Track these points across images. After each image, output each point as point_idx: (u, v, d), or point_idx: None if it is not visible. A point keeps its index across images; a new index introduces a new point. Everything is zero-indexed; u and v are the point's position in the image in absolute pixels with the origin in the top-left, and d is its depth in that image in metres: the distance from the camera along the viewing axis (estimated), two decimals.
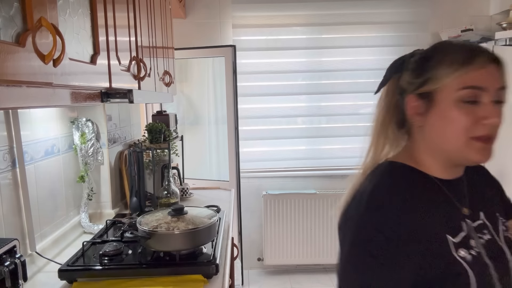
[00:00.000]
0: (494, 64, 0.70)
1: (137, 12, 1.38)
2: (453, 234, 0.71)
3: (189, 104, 3.00)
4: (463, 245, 0.70)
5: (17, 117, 1.28)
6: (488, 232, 0.75)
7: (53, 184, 1.53)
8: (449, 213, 0.74)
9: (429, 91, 0.72)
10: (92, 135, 1.72)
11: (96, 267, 1.26)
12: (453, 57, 0.70)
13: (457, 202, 0.76)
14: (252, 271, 3.21)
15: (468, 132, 0.70)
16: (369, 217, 0.71)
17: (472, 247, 0.71)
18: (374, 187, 0.74)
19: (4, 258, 0.94)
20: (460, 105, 0.69)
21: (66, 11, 0.82)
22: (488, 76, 0.69)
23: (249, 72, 3.05)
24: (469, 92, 0.69)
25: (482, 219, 0.76)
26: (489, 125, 0.69)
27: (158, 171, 2.24)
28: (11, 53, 0.60)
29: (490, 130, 0.70)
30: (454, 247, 0.70)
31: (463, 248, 0.70)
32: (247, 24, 3.05)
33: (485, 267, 0.70)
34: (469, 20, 3.06)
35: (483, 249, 0.72)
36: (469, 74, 0.68)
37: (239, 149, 2.76)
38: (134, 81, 1.30)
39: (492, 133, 0.71)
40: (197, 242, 1.32)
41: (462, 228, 0.73)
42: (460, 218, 0.74)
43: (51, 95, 0.79)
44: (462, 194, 0.77)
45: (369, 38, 3.12)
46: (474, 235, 0.72)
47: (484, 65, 0.69)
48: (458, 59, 0.70)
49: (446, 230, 0.71)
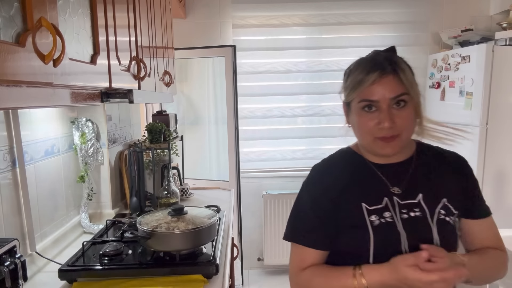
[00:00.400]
0: (391, 76, 0.86)
1: (137, 12, 1.38)
2: (370, 204, 0.91)
3: (189, 104, 3.00)
4: (376, 213, 0.90)
5: (17, 117, 1.28)
6: (419, 211, 0.90)
7: (53, 184, 1.53)
8: (375, 188, 0.93)
9: (347, 101, 0.95)
10: (92, 135, 1.72)
11: (96, 267, 1.26)
12: (354, 78, 0.90)
13: (388, 182, 0.94)
14: (252, 271, 3.21)
15: (372, 133, 0.89)
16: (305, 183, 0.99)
17: (384, 217, 0.90)
18: (321, 161, 1.02)
19: (4, 258, 0.94)
20: (362, 113, 0.90)
21: (66, 11, 0.82)
22: (380, 89, 0.86)
23: (249, 72, 3.05)
24: (364, 104, 0.89)
25: (419, 199, 0.92)
26: (385, 128, 0.86)
27: (158, 171, 2.24)
28: (11, 53, 0.60)
29: (388, 131, 0.86)
30: (367, 213, 0.90)
31: (375, 215, 0.90)
32: (247, 24, 3.05)
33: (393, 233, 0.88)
34: (469, 20, 3.06)
35: (400, 220, 0.90)
36: (363, 91, 0.87)
37: (239, 149, 2.76)
38: (134, 81, 1.30)
39: (391, 133, 0.87)
40: (197, 242, 1.32)
41: (382, 201, 0.91)
42: (385, 194, 0.92)
43: (51, 95, 0.79)
44: (396, 176, 0.94)
45: (369, 38, 3.12)
46: (393, 209, 0.91)
47: (376, 81, 0.86)
48: (356, 79, 0.89)
49: (364, 200, 0.91)
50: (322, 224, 0.93)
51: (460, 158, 1.01)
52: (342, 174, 0.96)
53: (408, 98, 0.87)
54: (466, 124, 2.67)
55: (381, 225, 0.89)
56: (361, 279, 0.85)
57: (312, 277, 0.93)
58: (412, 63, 0.95)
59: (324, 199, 0.94)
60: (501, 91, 2.54)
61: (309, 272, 0.93)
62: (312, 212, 0.95)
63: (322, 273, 0.92)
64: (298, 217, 0.97)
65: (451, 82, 2.82)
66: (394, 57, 0.91)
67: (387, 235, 0.89)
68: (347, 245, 0.92)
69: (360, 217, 0.90)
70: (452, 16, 3.10)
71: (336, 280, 0.89)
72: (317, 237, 0.94)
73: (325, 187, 0.95)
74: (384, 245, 0.88)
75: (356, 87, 0.89)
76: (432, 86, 3.04)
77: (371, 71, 0.86)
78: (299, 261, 0.96)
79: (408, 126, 0.89)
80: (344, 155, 1.02)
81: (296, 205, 0.99)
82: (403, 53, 0.89)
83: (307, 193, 0.98)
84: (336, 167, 0.99)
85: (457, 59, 2.75)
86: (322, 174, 0.99)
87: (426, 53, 3.12)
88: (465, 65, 2.67)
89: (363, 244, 0.89)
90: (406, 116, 0.87)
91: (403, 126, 0.87)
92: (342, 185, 0.94)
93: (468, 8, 3.11)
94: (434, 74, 3.01)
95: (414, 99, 0.89)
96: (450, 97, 2.84)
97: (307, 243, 0.94)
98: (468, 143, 2.65)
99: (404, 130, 0.88)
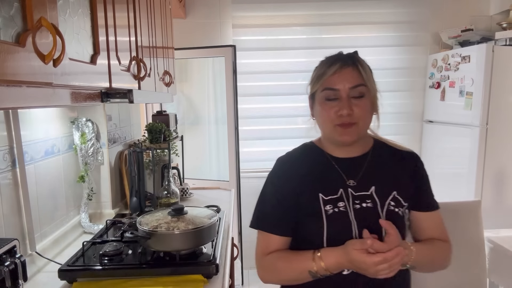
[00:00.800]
0: (350, 67, 0.97)
1: (137, 12, 1.38)
2: (326, 194, 0.99)
3: (189, 104, 3.00)
4: (331, 203, 0.98)
5: (17, 117, 1.28)
6: (371, 202, 0.98)
7: (53, 184, 1.53)
8: (332, 180, 1.01)
9: (312, 92, 1.04)
10: (92, 135, 1.72)
11: (96, 267, 1.26)
12: (319, 70, 1.01)
13: (344, 175, 1.01)
14: (252, 271, 3.21)
15: (332, 121, 0.98)
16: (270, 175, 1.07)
17: (338, 206, 0.98)
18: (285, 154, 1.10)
19: (4, 258, 0.94)
20: (325, 103, 0.99)
21: (66, 11, 0.82)
22: (340, 79, 0.96)
23: (249, 72, 3.05)
24: (327, 92, 0.98)
25: (371, 191, 0.99)
26: (344, 115, 0.95)
27: (158, 171, 2.24)
28: (11, 53, 0.60)
29: (346, 119, 0.95)
30: (323, 202, 0.98)
31: (330, 204, 0.98)
32: (247, 24, 3.05)
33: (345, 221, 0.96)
34: (469, 20, 3.06)
35: (352, 210, 0.97)
36: (327, 79, 0.97)
37: (239, 149, 2.76)
38: (134, 81, 1.30)
39: (348, 120, 0.95)
40: (197, 242, 1.32)
41: (338, 192, 0.99)
42: (341, 186, 1.00)
43: (51, 95, 0.79)
44: (352, 169, 1.02)
45: (369, 38, 3.12)
46: (347, 200, 0.98)
47: (337, 71, 0.96)
48: (320, 71, 0.99)
49: (322, 190, 0.99)
50: (285, 213, 1.01)
51: (413, 155, 1.08)
52: (303, 166, 1.05)
53: (365, 90, 0.97)
54: (466, 124, 2.67)
55: (334, 214, 0.97)
56: (319, 261, 0.93)
57: (275, 260, 1.01)
58: (412, 63, 0.98)
59: (287, 189, 1.01)
60: (501, 91, 2.54)
61: (273, 256, 1.01)
62: (276, 201, 1.02)
63: (284, 257, 1.00)
64: (263, 206, 1.05)
65: (451, 82, 2.82)
66: (355, 54, 1.02)
67: (339, 223, 0.97)
68: (305, 232, 1.00)
69: (317, 206, 0.98)
70: (452, 16, 3.10)
71: (297, 263, 0.96)
72: (280, 225, 1.02)
73: (287, 178, 1.03)
74: (336, 232, 0.96)
75: (320, 78, 0.99)
76: (432, 86, 3.04)
77: (333, 63, 0.98)
78: (264, 247, 1.04)
79: (364, 116, 0.98)
80: (306, 149, 1.10)
81: (261, 195, 1.08)
82: (403, 53, 0.90)
83: (271, 184, 1.05)
84: (298, 160, 1.07)
85: (457, 59, 2.75)
86: (285, 166, 1.06)
87: (426, 53, 3.12)
88: (465, 65, 2.67)
89: (318, 231, 0.97)
90: (363, 106, 0.97)
91: (360, 115, 0.96)
92: (303, 176, 1.02)
93: (468, 8, 3.11)
94: (434, 74, 3.01)
95: (371, 93, 0.99)
96: (450, 97, 2.84)
97: (271, 230, 1.02)
98: (469, 143, 2.65)
99: (361, 119, 0.97)
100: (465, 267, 1.88)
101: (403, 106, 3.23)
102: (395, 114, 3.23)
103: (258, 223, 1.06)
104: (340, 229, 0.97)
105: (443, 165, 2.97)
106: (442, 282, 1.87)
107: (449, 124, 2.87)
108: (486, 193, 2.61)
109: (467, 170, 2.67)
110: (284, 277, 1.01)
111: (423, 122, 3.22)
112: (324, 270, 0.93)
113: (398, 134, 3.25)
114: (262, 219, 1.05)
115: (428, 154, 3.17)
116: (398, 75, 3.16)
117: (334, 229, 0.96)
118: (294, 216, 1.01)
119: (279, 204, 1.02)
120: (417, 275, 1.87)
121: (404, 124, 3.25)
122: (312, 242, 0.98)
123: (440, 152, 3.01)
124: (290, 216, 1.01)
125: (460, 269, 1.88)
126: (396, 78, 3.16)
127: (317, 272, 0.94)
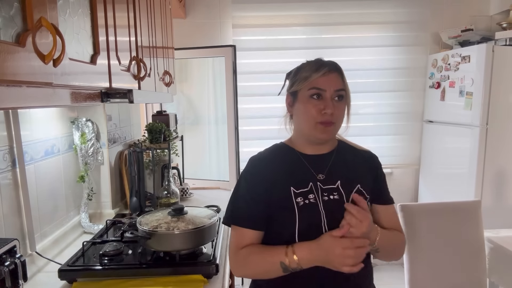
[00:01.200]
0: (335, 73, 1.06)
1: (137, 12, 1.38)
2: (297, 187, 1.05)
3: (189, 104, 3.00)
4: (301, 195, 1.04)
5: (17, 117, 1.28)
6: (337, 194, 1.06)
7: (53, 184, 1.53)
8: (302, 175, 1.08)
9: (295, 90, 1.10)
10: (92, 135, 1.72)
11: (96, 267, 1.26)
12: (305, 72, 1.07)
13: (313, 170, 1.09)
14: None
15: (315, 118, 1.04)
16: (243, 173, 1.12)
17: (308, 198, 1.04)
18: (257, 154, 1.15)
19: (4, 258, 0.94)
20: (310, 100, 1.05)
21: (66, 11, 0.82)
22: (327, 81, 1.04)
23: (249, 72, 3.05)
24: (314, 91, 1.05)
25: (338, 185, 1.07)
26: (327, 114, 1.03)
27: (158, 171, 2.24)
28: (11, 53, 0.60)
29: (329, 117, 1.03)
30: (294, 195, 1.04)
31: (301, 197, 1.04)
32: (247, 24, 3.05)
33: (315, 212, 1.03)
34: (469, 20, 3.06)
35: (321, 202, 1.04)
36: (314, 80, 1.05)
37: (239, 149, 2.76)
38: (134, 81, 1.30)
39: (330, 119, 1.03)
40: (197, 242, 1.32)
41: (308, 185, 1.06)
42: (310, 180, 1.07)
43: (51, 95, 0.79)
44: (320, 165, 1.10)
45: (369, 38, 3.12)
46: (317, 192, 1.05)
47: (325, 74, 1.04)
48: (308, 72, 1.06)
49: (293, 184, 1.05)
50: (258, 207, 1.06)
51: (372, 154, 1.19)
52: (275, 163, 1.11)
53: (345, 95, 1.07)
54: (466, 124, 2.67)
55: (305, 205, 1.03)
56: (292, 255, 0.97)
57: (248, 254, 1.04)
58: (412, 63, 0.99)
59: (260, 186, 1.07)
60: (501, 91, 2.54)
61: (246, 250, 1.05)
62: (249, 197, 1.07)
63: (258, 251, 1.04)
64: (237, 203, 1.10)
65: (451, 82, 2.82)
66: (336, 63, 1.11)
67: (310, 213, 1.03)
68: (278, 225, 1.05)
69: (289, 199, 1.04)
70: (452, 16, 3.10)
71: (270, 257, 1.01)
72: (254, 219, 1.06)
73: (260, 175, 1.09)
74: (307, 222, 1.02)
75: (308, 78, 1.06)
76: (432, 86, 3.04)
77: (321, 66, 1.06)
78: (238, 242, 1.07)
79: (341, 117, 1.08)
80: (278, 148, 1.17)
81: (234, 193, 1.13)
82: (403, 53, 0.90)
83: (244, 181, 1.10)
84: (270, 157, 1.14)
85: (457, 59, 2.75)
86: (258, 164, 1.12)
87: (426, 53, 3.12)
88: (465, 65, 2.67)
89: (290, 222, 1.02)
90: (342, 108, 1.07)
91: (338, 116, 1.06)
92: (275, 172, 1.08)
93: (468, 8, 3.11)
94: (434, 74, 3.01)
95: (347, 98, 1.09)
96: (450, 97, 2.84)
97: (244, 224, 1.07)
98: (468, 143, 2.65)
99: (338, 119, 1.06)
100: (465, 267, 1.88)
101: (403, 106, 3.22)
102: (395, 114, 3.23)
103: (232, 219, 1.10)
104: (311, 219, 1.03)
105: (443, 165, 2.98)
106: (442, 282, 1.87)
107: (449, 124, 2.87)
108: (486, 193, 2.61)
109: (467, 170, 2.67)
110: (256, 270, 1.05)
111: (423, 122, 3.22)
112: (295, 263, 0.97)
113: (398, 134, 3.25)
114: (236, 215, 1.09)
115: (428, 154, 3.17)
116: (398, 75, 3.16)
117: (305, 219, 1.02)
118: (267, 211, 1.06)
119: (252, 199, 1.07)
120: (417, 275, 1.87)
121: (404, 124, 3.25)
122: (284, 234, 1.03)
123: (440, 152, 3.01)
124: (263, 210, 1.06)
125: (460, 269, 1.88)
126: (396, 78, 3.16)
127: (288, 265, 0.97)
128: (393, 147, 3.26)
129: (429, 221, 1.89)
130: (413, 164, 3.30)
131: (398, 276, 3.08)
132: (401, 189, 3.30)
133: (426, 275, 1.87)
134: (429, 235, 1.88)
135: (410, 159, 3.29)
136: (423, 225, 1.88)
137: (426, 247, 1.87)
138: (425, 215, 1.89)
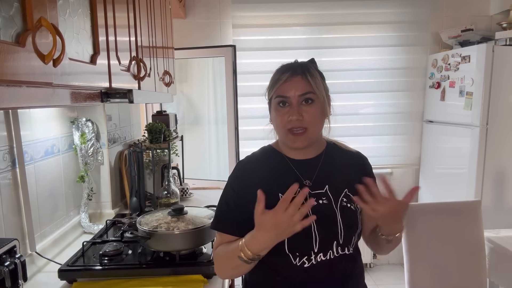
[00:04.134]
0: (298, 76, 1.03)
1: (137, 12, 1.38)
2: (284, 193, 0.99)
3: (189, 104, 3.00)
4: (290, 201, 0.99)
5: (17, 117, 1.28)
6: (326, 199, 1.05)
7: (53, 184, 1.53)
8: (290, 180, 1.01)
9: (269, 99, 1.09)
10: (92, 135, 1.72)
11: (96, 267, 1.27)
12: (272, 79, 1.07)
13: (300, 175, 1.07)
14: None
15: (284, 126, 1.04)
16: (230, 178, 1.11)
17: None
18: (245, 158, 1.14)
19: (4, 258, 0.94)
20: (278, 108, 1.05)
21: (66, 11, 0.82)
22: (290, 86, 1.02)
23: (249, 72, 3.05)
24: (279, 99, 1.04)
25: (326, 189, 1.07)
26: (293, 121, 1.01)
27: (158, 171, 2.24)
28: (11, 53, 0.60)
29: (296, 123, 1.01)
30: None
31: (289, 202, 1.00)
32: (247, 24, 3.05)
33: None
34: (469, 20, 3.06)
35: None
36: (279, 87, 1.03)
37: (239, 149, 2.76)
38: (134, 81, 1.30)
39: (299, 125, 1.01)
40: (197, 242, 1.32)
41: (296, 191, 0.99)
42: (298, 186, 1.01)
43: (51, 95, 0.79)
44: (308, 170, 1.08)
45: (369, 38, 3.12)
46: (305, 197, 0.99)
47: (287, 80, 1.02)
48: (273, 79, 1.06)
49: (281, 190, 1.00)
50: (241, 214, 1.03)
51: (362, 156, 1.18)
52: (262, 168, 1.10)
53: (314, 97, 1.03)
54: (466, 124, 2.67)
55: None
56: (245, 249, 0.96)
57: (218, 254, 1.06)
58: (412, 63, 0.97)
59: (246, 192, 1.04)
60: (501, 91, 2.54)
61: (216, 251, 1.07)
62: (234, 204, 1.06)
63: (223, 250, 1.04)
64: (222, 209, 1.09)
65: (451, 82, 2.82)
66: (307, 64, 1.08)
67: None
68: None
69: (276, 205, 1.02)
70: (452, 16, 3.10)
71: (231, 253, 1.00)
72: (234, 225, 1.05)
73: (247, 180, 1.07)
74: None
75: (273, 85, 1.05)
76: (432, 86, 3.04)
77: (284, 72, 1.04)
78: (216, 246, 1.09)
79: (314, 122, 1.04)
80: (265, 152, 1.15)
81: (221, 198, 1.11)
82: (403, 53, 0.89)
83: (231, 187, 1.09)
84: (257, 162, 1.12)
85: (457, 59, 2.75)
86: (245, 169, 1.11)
87: (426, 53, 3.12)
88: (465, 65, 2.67)
89: None
90: (313, 112, 1.03)
91: (309, 121, 1.02)
92: (262, 178, 1.07)
93: (468, 8, 3.11)
94: (434, 74, 3.02)
95: (320, 99, 1.04)
96: (450, 97, 2.84)
97: (224, 230, 1.07)
98: (468, 143, 2.65)
99: (310, 124, 1.03)
100: (465, 267, 1.88)
101: (403, 106, 3.22)
102: (395, 114, 3.23)
103: (217, 224, 1.09)
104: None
105: (443, 165, 2.98)
106: (442, 282, 1.87)
107: (449, 124, 2.87)
108: (486, 193, 2.61)
109: (467, 170, 2.67)
110: (227, 268, 1.05)
111: (423, 122, 3.22)
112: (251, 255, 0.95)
113: (398, 134, 3.25)
114: (221, 221, 1.08)
115: (428, 154, 3.17)
116: (398, 75, 3.16)
117: None
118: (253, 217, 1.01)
119: (237, 206, 1.05)
120: (417, 275, 1.87)
121: (404, 124, 3.25)
122: None
123: (440, 152, 3.00)
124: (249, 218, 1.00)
125: (460, 269, 1.88)
126: (396, 78, 3.16)
127: (246, 259, 0.96)
128: (393, 147, 3.26)
129: (429, 221, 1.89)
130: (413, 164, 3.29)
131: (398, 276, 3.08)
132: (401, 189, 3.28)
133: (426, 275, 1.87)
134: (429, 235, 1.88)
135: (410, 159, 3.29)
136: (423, 225, 1.88)
137: (426, 247, 1.87)
138: (425, 215, 1.89)
